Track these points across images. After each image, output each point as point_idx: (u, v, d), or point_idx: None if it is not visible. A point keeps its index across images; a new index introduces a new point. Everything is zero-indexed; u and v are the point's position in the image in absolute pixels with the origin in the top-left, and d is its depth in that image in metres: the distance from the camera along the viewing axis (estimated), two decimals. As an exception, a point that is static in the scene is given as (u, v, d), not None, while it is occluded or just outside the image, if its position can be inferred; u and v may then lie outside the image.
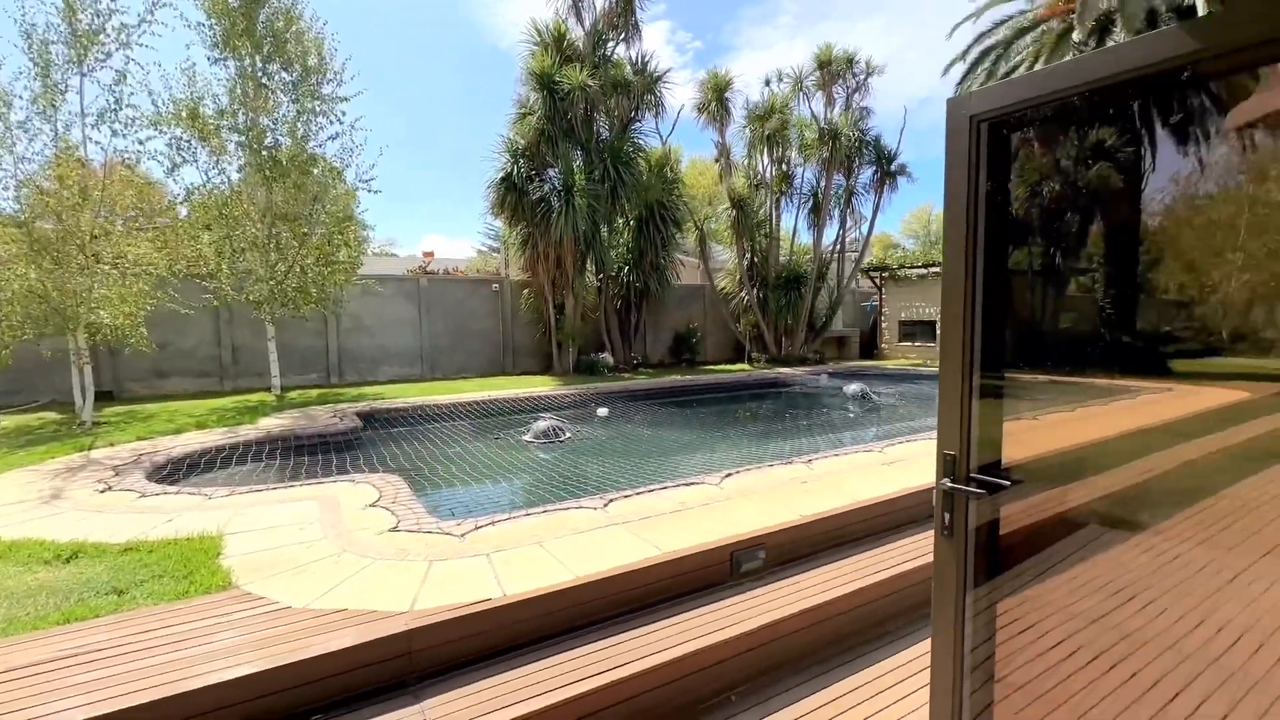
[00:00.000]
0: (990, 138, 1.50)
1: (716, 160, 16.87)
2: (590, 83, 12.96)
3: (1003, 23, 14.66)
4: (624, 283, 15.09)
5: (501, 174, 12.99)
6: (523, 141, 13.21)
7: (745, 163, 16.53)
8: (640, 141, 14.78)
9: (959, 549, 1.52)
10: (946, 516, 1.52)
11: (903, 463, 4.97)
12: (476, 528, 3.49)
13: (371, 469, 5.80)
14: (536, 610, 2.61)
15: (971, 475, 1.50)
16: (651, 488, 4.21)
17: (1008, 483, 1.51)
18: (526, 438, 7.41)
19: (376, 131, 27.33)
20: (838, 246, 17.36)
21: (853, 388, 11.09)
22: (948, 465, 1.52)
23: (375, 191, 10.13)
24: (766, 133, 15.47)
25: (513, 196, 12.91)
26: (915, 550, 3.48)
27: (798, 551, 3.38)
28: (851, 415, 9.89)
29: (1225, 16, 1.20)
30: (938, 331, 1.55)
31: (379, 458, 6.54)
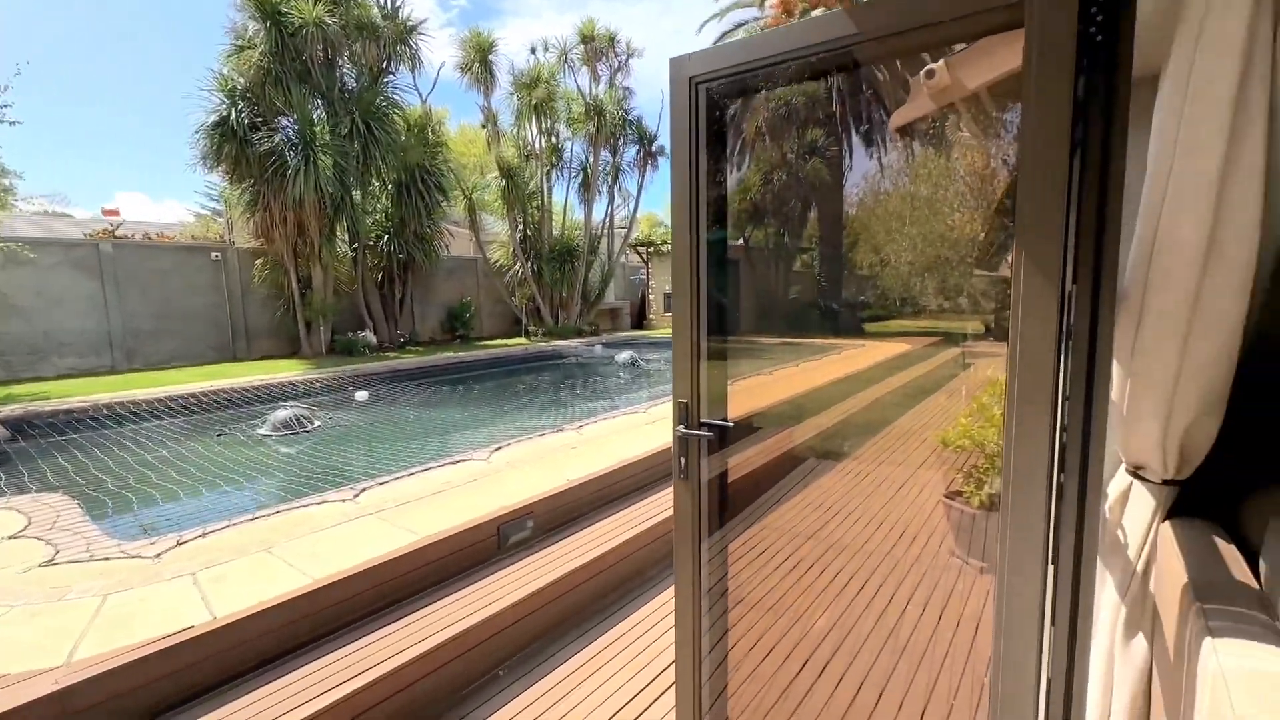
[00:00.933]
0: (709, 102, 1.57)
1: (483, 126, 16.15)
2: (328, 20, 11.28)
3: (741, 25, 16.41)
4: (385, 253, 13.72)
5: (215, 117, 10.70)
6: (243, 80, 11.02)
7: (515, 132, 16.11)
8: (396, 98, 13.41)
9: (693, 489, 1.61)
10: (682, 460, 1.60)
11: (664, 420, 5.38)
12: (179, 544, 2.84)
13: (22, 490, 4.39)
14: (259, 628, 2.21)
15: (703, 422, 1.60)
16: (412, 471, 3.88)
17: (731, 424, 1.64)
18: (263, 430, 6.33)
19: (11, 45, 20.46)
20: (607, 222, 18.03)
21: (624, 356, 11.70)
22: (681, 413, 1.59)
23: (10, 123, 7.58)
24: (534, 101, 15.23)
25: (232, 146, 10.73)
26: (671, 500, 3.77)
27: (568, 515, 3.42)
28: (622, 381, 10.44)
29: (877, 3, 1.40)
30: (671, 291, 1.64)
31: (38, 474, 4.99)
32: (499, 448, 4.39)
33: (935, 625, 2.54)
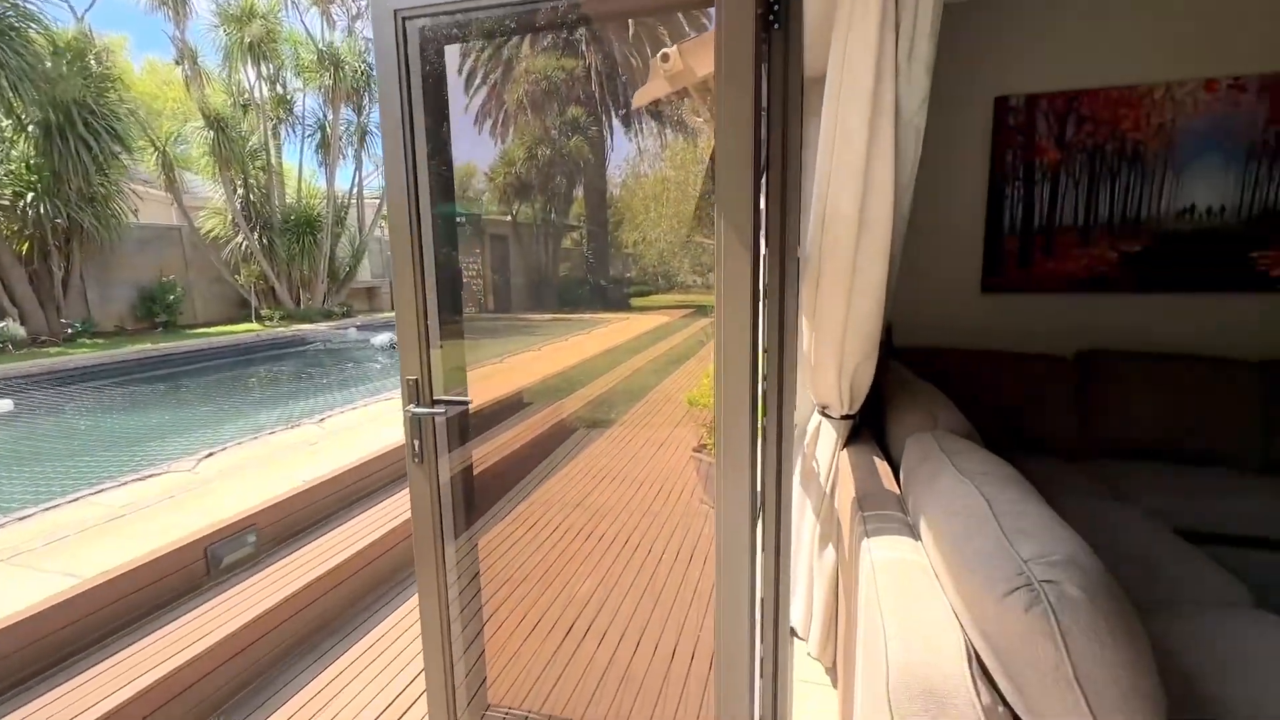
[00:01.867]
0: (421, 42, 1.40)
1: (178, 63, 13.09)
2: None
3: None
4: (30, 218, 10.37)
5: None
6: None
7: (225, 75, 13.36)
8: (31, 9, 10.08)
9: (430, 474, 1.48)
10: (416, 443, 1.45)
11: (426, 405, 5.00)
12: None
13: None
14: None
15: (436, 399, 1.47)
16: (77, 496, 3.00)
17: (469, 400, 1.54)
18: None
19: None
20: (356, 190, 16.12)
21: (381, 339, 10.69)
22: (412, 391, 1.44)
23: None
24: (248, 40, 12.77)
25: None
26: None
27: (304, 523, 2.98)
28: (380, 366, 9.54)
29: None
30: (391, 256, 1.47)
31: None
32: (211, 453, 3.63)
33: (686, 568, 2.80)
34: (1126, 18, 2.72)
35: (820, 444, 1.92)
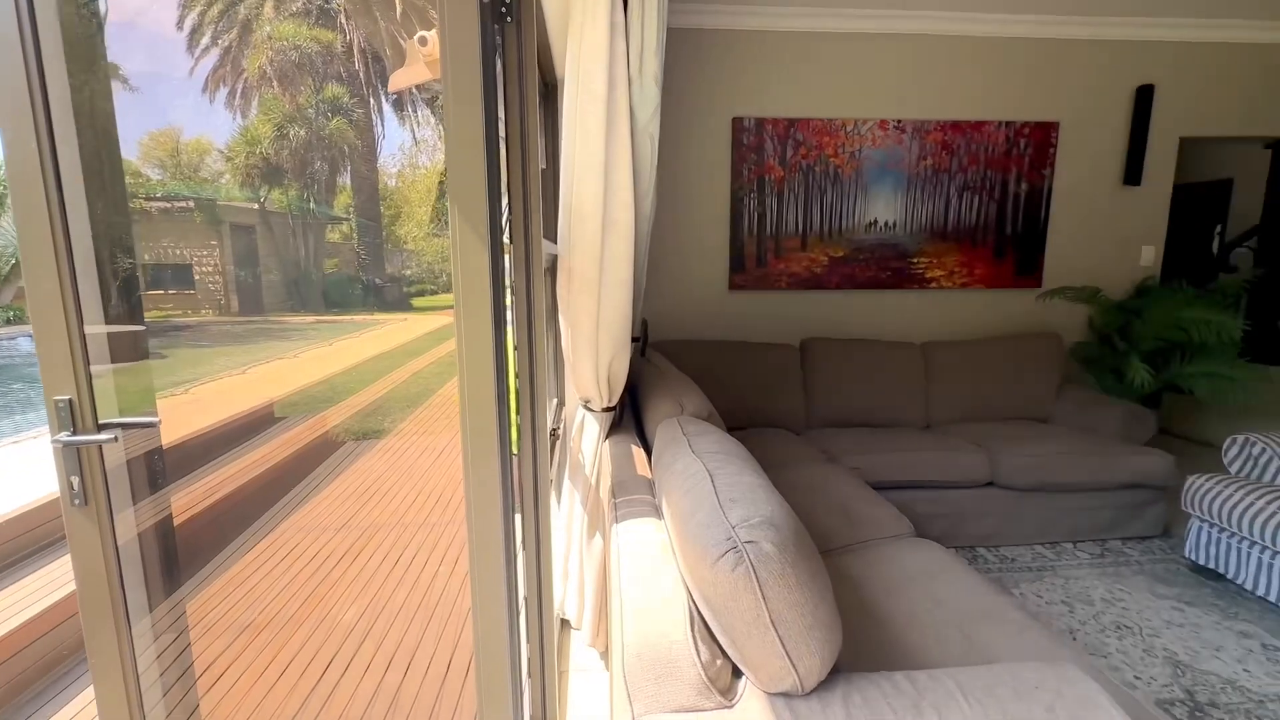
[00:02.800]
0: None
1: None
2: None
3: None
4: None
5: None
6: None
7: None
8: None
9: (100, 519, 1.18)
10: (74, 481, 1.15)
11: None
12: None
13: None
14: None
15: (106, 422, 1.17)
16: None
17: (156, 420, 1.26)
18: None
19: None
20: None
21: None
22: (64, 415, 1.13)
23: None
24: None
25: None
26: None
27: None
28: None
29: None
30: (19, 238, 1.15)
31: None
32: None
33: (464, 579, 2.68)
34: (827, 63, 3.28)
35: (585, 437, 1.98)
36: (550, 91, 2.26)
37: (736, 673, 1.01)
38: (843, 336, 3.50)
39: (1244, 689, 1.79)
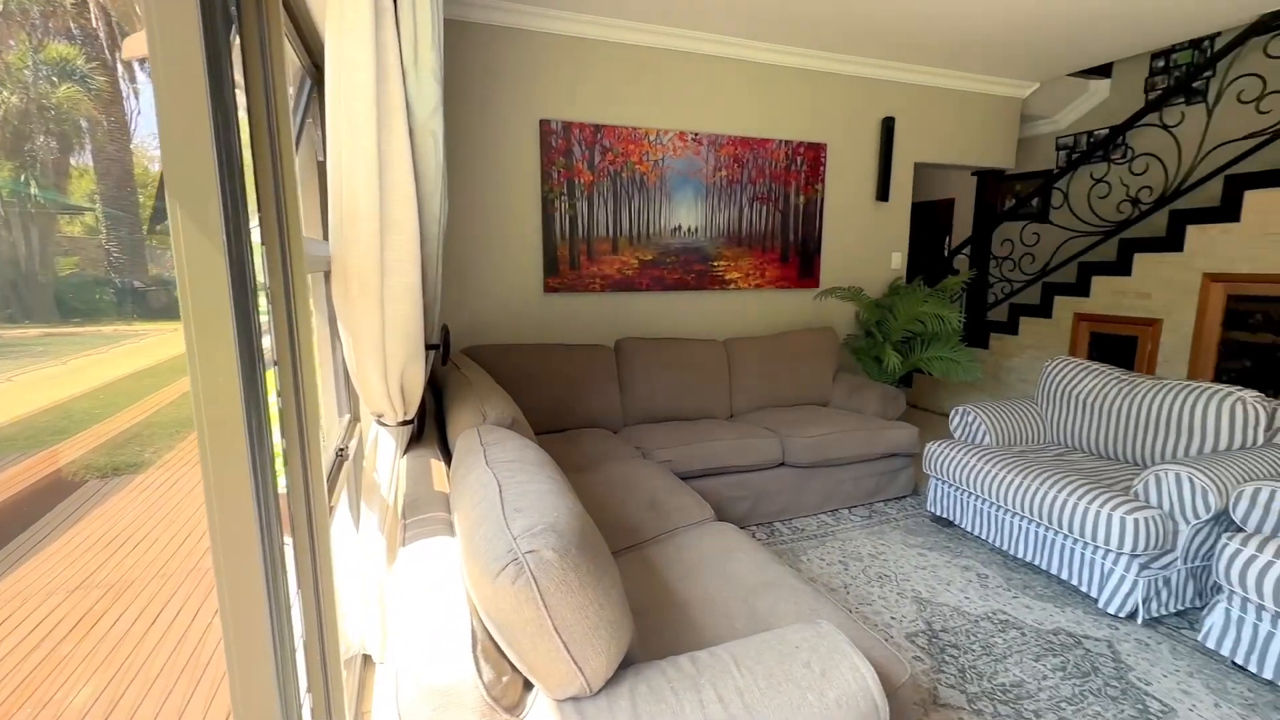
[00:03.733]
0: None
1: None
2: None
3: None
4: None
5: None
6: None
7: None
8: None
9: None
10: None
11: None
12: None
13: None
14: None
15: None
16: None
17: None
18: None
19: None
20: None
21: None
22: None
23: None
24: None
25: None
26: None
27: None
28: None
29: None
30: None
31: None
32: None
33: (247, 626, 2.33)
34: (631, 73, 3.41)
35: (381, 455, 1.82)
36: (323, 75, 2.04)
37: (529, 685, 0.99)
38: (654, 336, 3.67)
39: (965, 613, 2.20)
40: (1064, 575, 2.34)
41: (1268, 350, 3.15)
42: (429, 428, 2.07)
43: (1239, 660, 1.86)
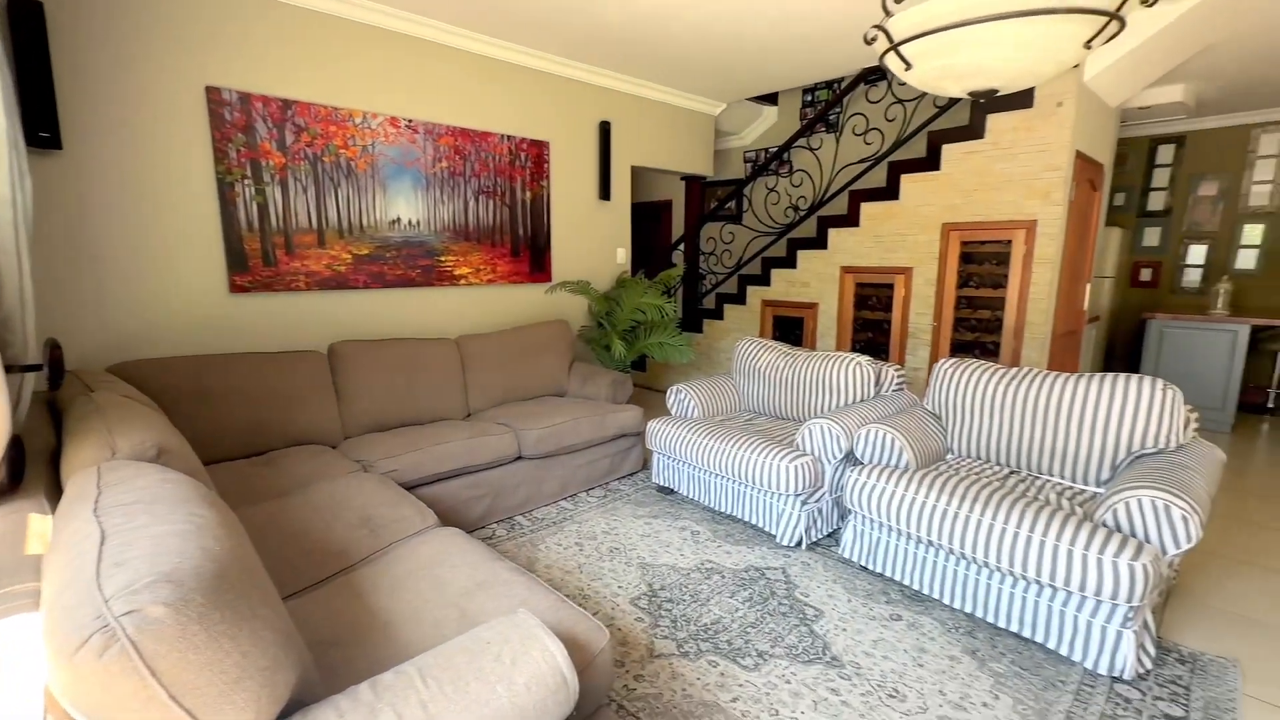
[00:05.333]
0: None
1: None
2: None
3: None
4: None
5: None
6: None
7: None
8: None
9: None
10: None
11: None
12: None
13: None
14: None
15: None
16: None
17: None
18: None
19: None
20: None
21: None
22: None
23: None
24: None
25: None
26: None
27: None
28: None
29: None
30: None
31: None
32: None
33: None
34: (326, 46, 3.04)
35: (-56, 519, 1.34)
36: None
37: (153, 771, 0.82)
38: (377, 337, 3.39)
39: (679, 568, 2.49)
40: (754, 520, 2.80)
41: (881, 324, 4.17)
42: (37, 471, 1.59)
43: (864, 563, 2.44)
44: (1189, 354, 4.67)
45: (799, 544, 2.67)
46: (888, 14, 1.52)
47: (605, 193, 4.42)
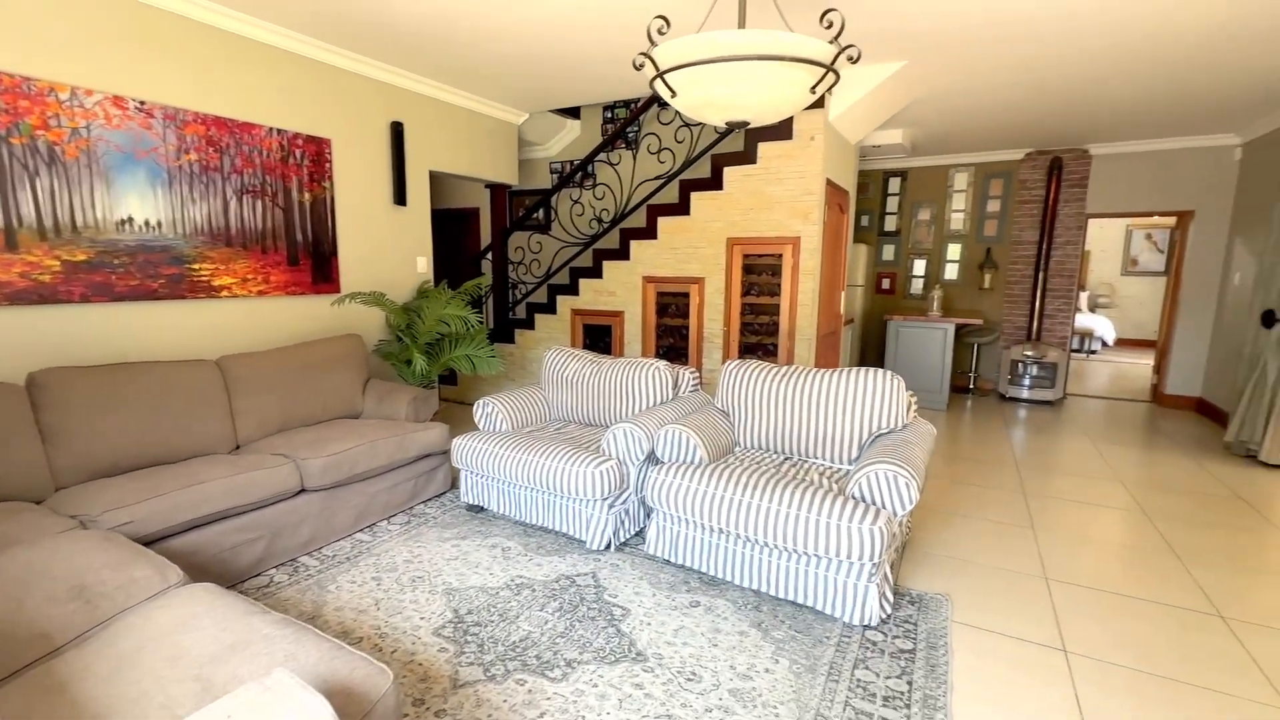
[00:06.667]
0: None
1: None
2: None
3: None
4: None
5: None
6: None
7: None
8: None
9: None
10: None
11: None
12: None
13: None
14: None
15: None
16: None
17: None
18: None
19: None
20: None
21: None
22: None
23: None
24: None
25: None
26: None
27: None
28: None
29: None
30: None
31: None
32: None
33: None
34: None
35: None
36: None
37: None
38: (104, 362, 2.79)
39: (488, 589, 2.41)
40: (565, 529, 2.81)
41: (681, 330, 4.48)
42: None
43: (667, 557, 2.58)
44: (916, 348, 5.73)
45: (608, 547, 2.74)
46: (653, 43, 1.63)
47: (401, 198, 4.14)
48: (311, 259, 3.64)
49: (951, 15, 2.98)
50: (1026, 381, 6.01)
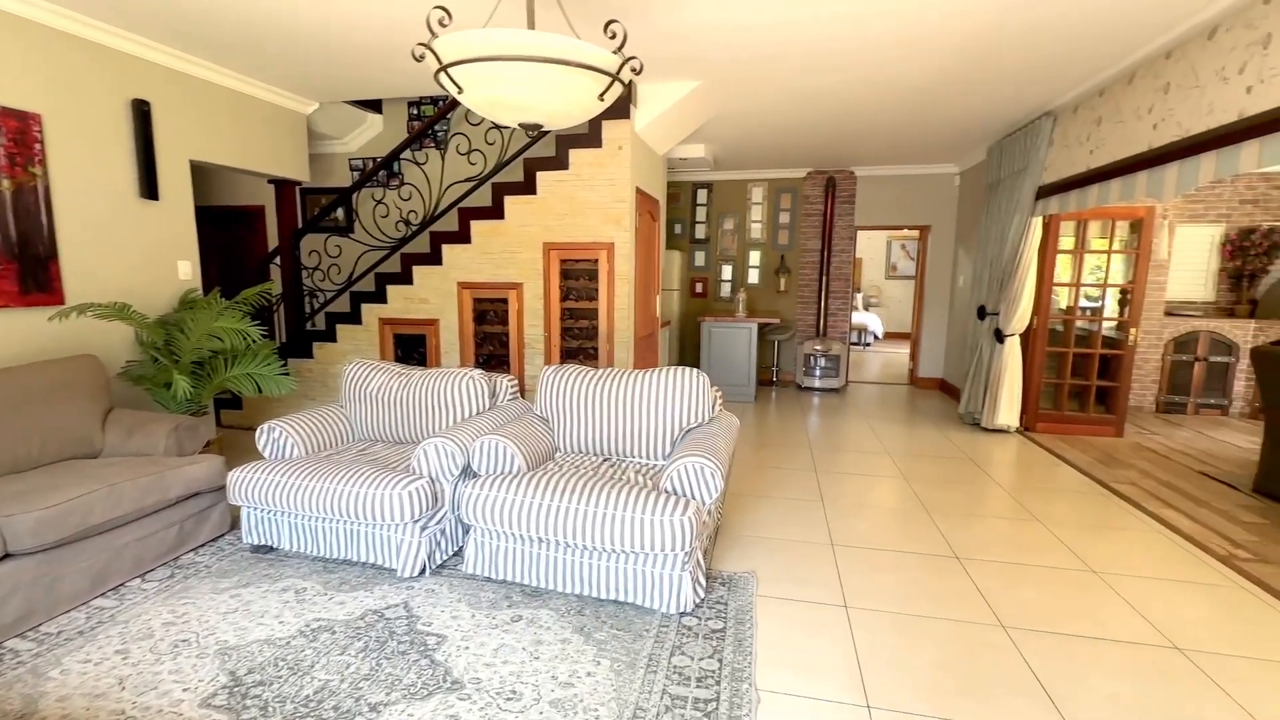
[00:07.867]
0: None
1: None
2: None
3: None
4: None
5: None
6: None
7: None
8: None
9: None
10: None
11: None
12: None
13: None
14: None
15: None
16: None
17: None
18: None
19: None
20: None
21: None
22: None
23: None
24: None
25: None
26: None
27: None
28: None
29: None
30: None
31: None
32: None
33: None
34: None
35: None
36: None
37: None
38: None
39: (276, 640, 2.10)
40: (371, 559, 2.56)
41: (500, 337, 4.35)
42: None
43: (488, 574, 2.47)
44: (727, 346, 6.21)
45: (423, 572, 2.55)
46: (433, 35, 1.54)
47: (151, 190, 3.48)
48: (18, 263, 2.90)
49: (732, 46, 3.27)
50: (818, 372, 6.82)
